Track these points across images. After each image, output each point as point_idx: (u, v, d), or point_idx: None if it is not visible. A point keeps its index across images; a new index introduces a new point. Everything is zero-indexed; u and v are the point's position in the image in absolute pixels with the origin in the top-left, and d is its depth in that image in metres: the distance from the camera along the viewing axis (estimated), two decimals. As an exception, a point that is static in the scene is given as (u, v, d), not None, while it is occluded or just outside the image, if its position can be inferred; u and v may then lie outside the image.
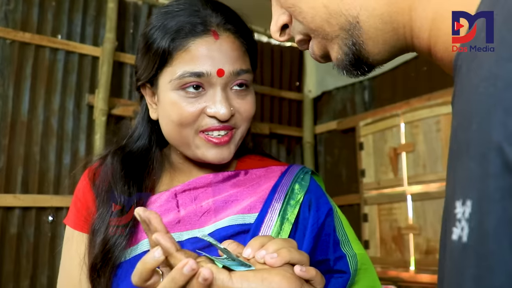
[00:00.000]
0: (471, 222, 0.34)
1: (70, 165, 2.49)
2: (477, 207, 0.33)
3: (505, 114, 0.31)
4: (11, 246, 2.27)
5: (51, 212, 2.40)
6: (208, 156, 0.87)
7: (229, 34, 0.87)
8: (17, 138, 2.36)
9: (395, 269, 2.69)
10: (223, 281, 0.59)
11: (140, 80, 0.93)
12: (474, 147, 0.35)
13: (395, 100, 2.85)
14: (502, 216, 0.31)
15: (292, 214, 0.87)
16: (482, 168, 0.33)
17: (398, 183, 2.74)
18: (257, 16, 3.22)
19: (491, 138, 0.32)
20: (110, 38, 2.61)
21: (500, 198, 0.31)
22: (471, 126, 0.36)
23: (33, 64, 2.45)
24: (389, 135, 2.84)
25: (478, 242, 0.33)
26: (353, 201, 3.04)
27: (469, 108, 0.36)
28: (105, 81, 2.54)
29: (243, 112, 0.89)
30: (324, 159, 3.42)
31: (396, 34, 0.50)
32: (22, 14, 2.44)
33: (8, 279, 2.24)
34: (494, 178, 0.32)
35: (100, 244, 0.84)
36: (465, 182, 0.36)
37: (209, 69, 0.83)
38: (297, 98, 3.49)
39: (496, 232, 0.31)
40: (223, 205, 0.89)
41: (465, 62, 0.39)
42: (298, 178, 0.93)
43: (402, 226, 2.68)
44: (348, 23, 0.52)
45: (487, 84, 0.34)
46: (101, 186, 0.91)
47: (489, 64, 0.34)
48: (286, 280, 0.62)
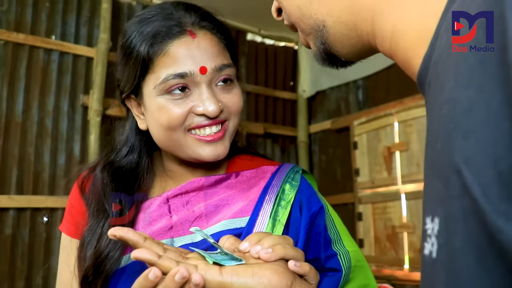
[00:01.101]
0: (439, 239, 0.35)
1: (65, 166, 2.49)
2: (444, 225, 0.34)
3: (463, 138, 0.32)
4: (6, 247, 2.27)
5: (46, 213, 2.40)
6: (202, 154, 0.86)
7: (206, 31, 0.87)
8: (11, 139, 2.36)
9: (389, 267, 2.71)
10: (213, 276, 0.59)
11: (124, 92, 0.92)
12: (439, 167, 0.36)
13: (389, 99, 2.86)
14: (466, 235, 0.32)
15: (283, 216, 0.86)
16: (446, 188, 0.34)
17: (392, 182, 2.76)
18: (251, 16, 3.24)
19: (453, 160, 0.33)
20: (104, 38, 2.60)
21: (463, 218, 0.32)
22: (436, 145, 0.37)
23: (27, 65, 2.45)
24: (383, 134, 2.85)
25: (446, 259, 0.34)
26: (348, 200, 3.06)
27: (436, 127, 0.37)
28: (100, 82, 2.54)
29: (231, 106, 0.88)
30: (318, 158, 3.43)
31: (361, 40, 0.52)
32: (15, 15, 2.44)
33: (3, 280, 2.23)
34: (456, 199, 0.32)
35: (91, 257, 0.84)
36: (433, 199, 0.37)
37: (191, 68, 0.83)
38: (291, 98, 3.50)
39: (463, 250, 0.32)
40: (214, 209, 0.89)
41: (433, 80, 0.40)
42: (289, 178, 0.92)
43: (396, 225, 2.70)
44: (316, 25, 0.54)
45: (448, 107, 0.35)
46: (91, 198, 0.91)
47: (450, 87, 0.35)
48: (277, 274, 0.62)
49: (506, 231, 0.28)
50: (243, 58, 3.30)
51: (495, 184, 0.29)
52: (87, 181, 0.94)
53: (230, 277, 0.60)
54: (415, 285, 2.56)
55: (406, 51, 0.46)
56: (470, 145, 0.31)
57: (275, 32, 3.41)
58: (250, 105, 3.28)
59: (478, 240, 0.30)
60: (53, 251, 2.36)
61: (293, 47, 3.57)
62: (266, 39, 3.45)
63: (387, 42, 0.48)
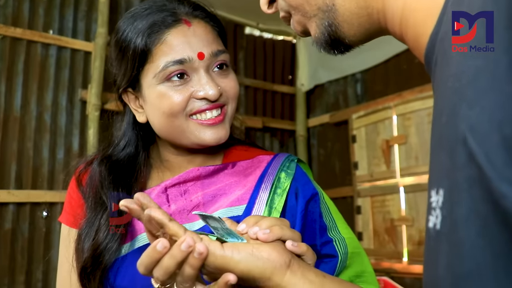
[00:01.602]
0: (443, 211, 0.35)
1: (64, 160, 2.49)
2: (448, 196, 0.35)
3: (468, 108, 0.32)
4: (6, 242, 2.27)
5: (45, 208, 2.40)
6: (205, 138, 0.88)
7: (199, 20, 0.91)
8: (10, 134, 2.36)
9: (388, 260, 2.72)
10: (215, 250, 0.61)
11: (120, 87, 0.94)
12: (445, 139, 0.36)
13: (387, 93, 2.87)
14: (471, 204, 0.32)
15: (279, 203, 0.89)
16: (451, 159, 0.34)
17: (390, 175, 2.76)
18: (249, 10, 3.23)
19: (458, 131, 0.33)
20: (102, 33, 2.60)
21: (468, 187, 0.32)
22: (442, 118, 0.37)
23: (25, 60, 2.44)
24: (381, 127, 2.86)
25: (449, 230, 0.34)
26: (346, 194, 3.06)
27: (441, 102, 0.38)
28: (98, 76, 2.54)
29: (229, 90, 0.91)
30: (317, 152, 3.44)
31: (371, 18, 0.52)
32: (13, 9, 2.43)
33: (4, 275, 2.24)
34: (461, 168, 0.33)
35: (89, 249, 0.85)
36: (438, 172, 0.37)
37: (189, 54, 0.86)
38: (289, 92, 3.49)
39: (466, 221, 0.32)
40: (211, 199, 0.91)
41: (440, 56, 0.40)
42: (284, 167, 0.94)
43: (395, 218, 2.71)
44: (325, 5, 0.54)
45: (454, 79, 0.35)
46: (88, 191, 0.92)
47: (457, 60, 0.35)
48: (276, 251, 0.64)
49: (510, 196, 0.28)
50: (242, 52, 3.30)
51: (500, 150, 0.29)
52: (84, 174, 0.96)
53: (231, 251, 0.61)
54: (414, 278, 2.58)
55: (416, 28, 0.46)
56: (475, 113, 0.31)
57: (273, 26, 3.41)
58: (249, 99, 3.28)
59: (482, 209, 0.30)
60: (52, 245, 2.36)
61: (291, 41, 3.56)
62: (264, 32, 3.44)
63: (397, 20, 0.48)
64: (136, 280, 0.82)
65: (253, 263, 0.62)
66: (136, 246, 0.87)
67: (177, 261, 0.59)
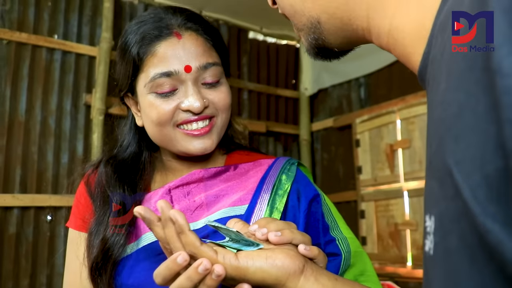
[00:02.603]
0: (436, 237, 0.36)
1: (68, 165, 2.50)
2: (439, 224, 0.36)
3: (454, 142, 0.33)
4: (10, 246, 2.28)
5: (49, 212, 2.41)
6: (190, 148, 0.91)
7: (191, 32, 0.92)
8: (14, 138, 2.37)
9: (392, 265, 2.71)
10: (230, 261, 0.63)
11: (122, 91, 0.98)
12: (435, 167, 0.37)
13: (391, 97, 2.86)
14: (461, 236, 0.32)
15: (280, 203, 0.91)
16: (441, 188, 0.35)
17: (394, 179, 2.76)
18: (253, 15, 3.25)
19: (445, 162, 0.34)
20: (106, 37, 2.61)
21: (457, 219, 0.33)
22: (432, 146, 0.38)
23: (30, 64, 2.45)
24: (385, 131, 2.85)
25: (443, 257, 0.35)
26: (350, 198, 3.06)
27: (432, 128, 0.38)
28: (102, 81, 2.55)
29: (217, 102, 0.93)
30: (321, 156, 3.43)
31: (356, 34, 0.53)
32: (18, 14, 2.45)
33: (8, 279, 2.25)
34: (450, 200, 0.33)
35: (99, 244, 0.88)
36: (430, 198, 0.38)
37: (176, 67, 0.89)
38: (293, 96, 3.50)
39: (457, 249, 0.33)
40: (214, 199, 0.93)
41: (429, 80, 0.41)
42: (285, 169, 0.97)
43: (399, 222, 2.70)
44: (309, 22, 0.55)
45: (441, 108, 0.36)
46: (96, 191, 0.95)
47: (443, 89, 0.36)
48: (290, 257, 0.65)
49: (494, 232, 0.29)
50: (245, 56, 3.30)
51: (483, 187, 0.30)
52: (93, 178, 0.99)
53: (246, 261, 0.63)
54: (418, 283, 2.57)
55: (405, 48, 0.46)
56: (460, 149, 0.32)
57: (276, 30, 3.41)
58: (252, 104, 3.28)
59: (470, 241, 0.31)
60: (57, 249, 2.37)
61: (294, 45, 3.57)
62: (268, 37, 3.45)
63: (384, 38, 0.49)
64: (141, 278, 0.85)
65: (267, 271, 0.63)
66: (141, 245, 0.89)
67: (193, 282, 0.61)
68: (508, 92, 0.28)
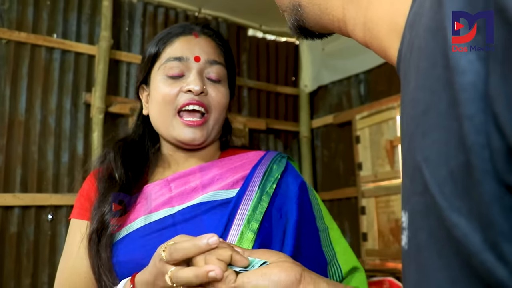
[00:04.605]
0: (409, 232, 0.37)
1: (69, 164, 2.50)
2: (411, 219, 0.36)
3: (422, 138, 0.34)
4: (12, 245, 2.28)
5: (50, 211, 2.41)
6: (182, 135, 1.01)
7: (207, 37, 1.08)
8: (15, 137, 2.37)
9: (393, 261, 2.71)
10: (230, 282, 0.65)
11: (139, 80, 1.12)
12: (407, 164, 0.38)
13: (391, 93, 2.86)
14: (429, 230, 0.33)
15: (270, 188, 0.99)
16: (412, 184, 0.36)
17: (395, 175, 2.76)
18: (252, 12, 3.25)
19: (415, 158, 0.35)
20: (105, 36, 2.61)
21: (426, 214, 0.34)
22: (404, 143, 0.39)
23: (29, 64, 2.45)
24: (385, 128, 2.85)
25: (415, 251, 0.36)
26: (351, 194, 3.06)
27: (404, 126, 0.39)
28: (102, 79, 2.55)
29: (214, 97, 1.04)
30: (321, 153, 3.43)
31: (332, 24, 0.54)
32: (17, 14, 2.44)
33: (9, 278, 2.25)
34: (419, 195, 0.34)
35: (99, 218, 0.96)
36: (404, 195, 0.39)
37: (188, 54, 1.03)
38: (293, 93, 3.50)
39: (427, 244, 0.34)
40: (209, 182, 1.02)
41: (402, 76, 0.42)
42: (276, 161, 1.06)
43: (399, 218, 2.70)
44: (291, 5, 0.57)
45: (411, 105, 0.37)
46: (104, 173, 1.05)
47: (413, 87, 0.37)
48: (284, 271, 0.66)
49: (459, 225, 0.30)
50: (245, 54, 3.30)
51: (448, 182, 0.31)
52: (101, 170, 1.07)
53: (242, 281, 0.65)
54: (419, 278, 2.57)
55: (381, 41, 0.47)
56: (427, 145, 0.33)
57: (276, 27, 3.41)
58: (252, 101, 3.28)
59: (439, 235, 0.32)
60: (58, 248, 2.37)
61: (294, 42, 3.56)
62: (267, 34, 3.45)
63: (361, 31, 0.50)
64: (135, 254, 0.92)
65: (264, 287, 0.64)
66: (135, 228, 0.96)
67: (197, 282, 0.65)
68: (465, 89, 0.29)
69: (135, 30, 2.84)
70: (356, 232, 2.97)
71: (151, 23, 2.87)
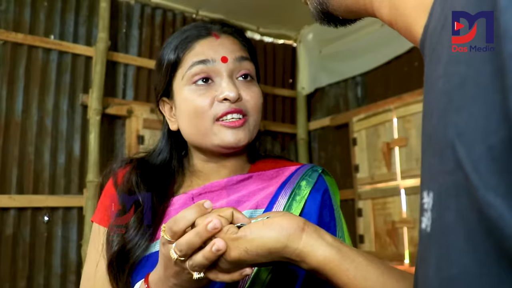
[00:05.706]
0: (433, 213, 0.35)
1: (65, 165, 2.50)
2: (438, 199, 0.34)
3: (456, 113, 0.32)
4: (7, 247, 2.28)
5: (46, 212, 2.40)
6: (225, 139, 0.92)
7: (228, 35, 0.99)
8: (11, 138, 2.37)
9: (390, 262, 2.71)
10: (231, 233, 0.65)
11: (158, 95, 1.03)
12: (435, 141, 0.36)
13: (388, 95, 2.87)
14: (458, 211, 0.32)
15: (296, 209, 0.92)
16: (441, 162, 0.34)
17: (391, 177, 2.76)
18: (249, 14, 3.25)
19: (447, 135, 0.33)
20: (103, 37, 2.61)
21: (455, 193, 0.32)
22: (432, 120, 0.36)
23: (26, 65, 2.45)
24: (382, 130, 2.86)
25: (439, 233, 0.34)
26: (348, 196, 3.06)
27: (431, 101, 0.37)
28: (99, 81, 2.55)
29: (249, 100, 0.95)
30: (318, 155, 3.44)
31: (357, 4, 0.52)
32: (14, 15, 2.44)
33: (5, 280, 2.24)
34: (450, 173, 0.32)
35: (119, 243, 0.91)
36: (429, 174, 0.37)
37: (213, 56, 0.94)
38: (290, 95, 3.50)
39: (454, 226, 0.32)
40: (235, 204, 0.95)
41: (428, 52, 0.40)
42: (306, 175, 0.98)
43: (396, 220, 2.71)
44: None
45: (443, 80, 0.35)
46: (123, 189, 0.98)
47: (444, 61, 0.35)
48: (287, 218, 0.66)
49: (495, 206, 0.28)
50: (242, 55, 3.30)
51: (485, 159, 0.29)
52: (121, 175, 1.02)
53: (244, 231, 0.64)
54: (415, 280, 2.57)
55: (407, 18, 0.45)
56: (463, 120, 0.31)
57: (273, 29, 3.42)
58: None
59: (468, 216, 0.30)
60: (54, 250, 2.36)
61: (291, 45, 3.57)
62: (265, 36, 3.45)
63: (386, 8, 0.48)
64: None
65: (266, 236, 0.63)
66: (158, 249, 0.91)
67: (201, 240, 0.65)
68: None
69: (133, 31, 2.84)
70: (353, 234, 2.97)
71: (149, 25, 2.87)
